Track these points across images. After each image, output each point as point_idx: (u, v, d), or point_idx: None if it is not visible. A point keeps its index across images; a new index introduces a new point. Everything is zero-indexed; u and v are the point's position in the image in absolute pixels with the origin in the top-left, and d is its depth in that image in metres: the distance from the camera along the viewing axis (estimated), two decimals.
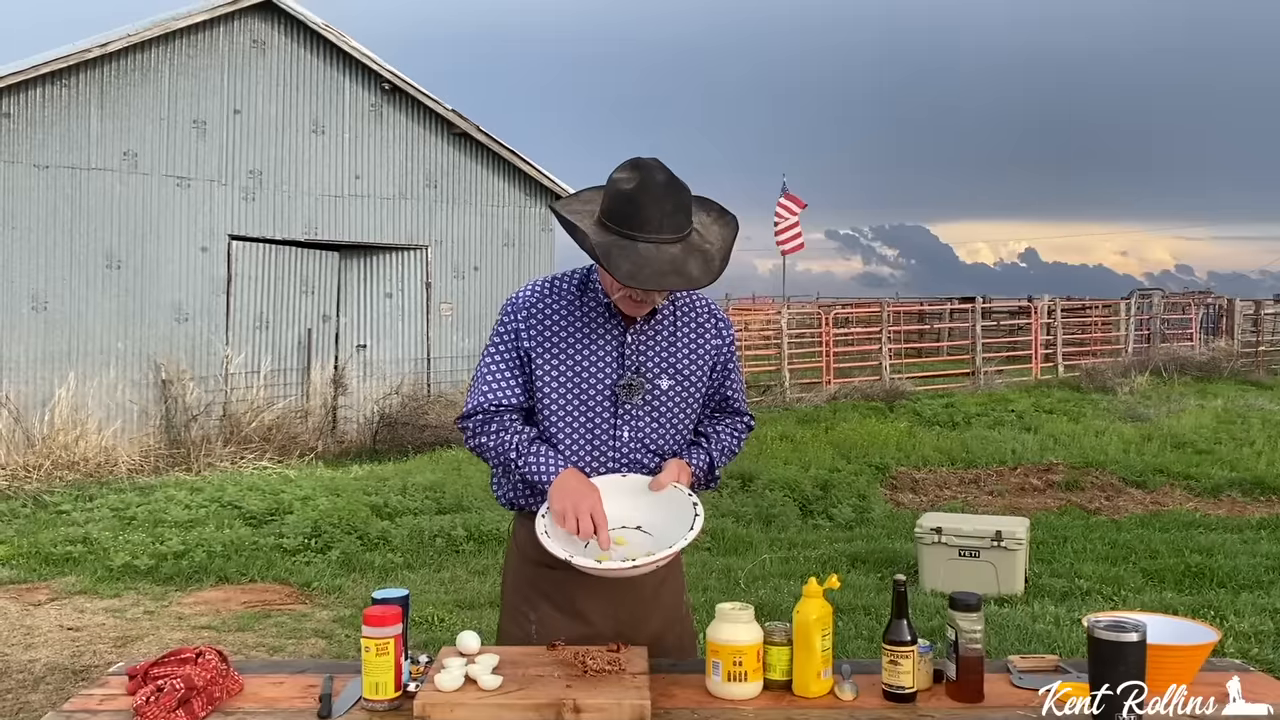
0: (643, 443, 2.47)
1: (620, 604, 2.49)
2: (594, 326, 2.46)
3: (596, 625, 2.47)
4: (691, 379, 2.53)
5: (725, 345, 2.60)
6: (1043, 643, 5.17)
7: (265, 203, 12.76)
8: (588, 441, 2.45)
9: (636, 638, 2.47)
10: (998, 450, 11.42)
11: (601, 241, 2.28)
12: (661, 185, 2.28)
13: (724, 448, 2.62)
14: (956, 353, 20.88)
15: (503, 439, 2.45)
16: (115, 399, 11.56)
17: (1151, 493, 9.89)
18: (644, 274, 2.23)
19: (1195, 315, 22.96)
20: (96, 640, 5.44)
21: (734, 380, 2.64)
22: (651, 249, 2.26)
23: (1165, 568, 6.72)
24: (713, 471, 2.59)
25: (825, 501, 8.72)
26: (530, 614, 2.52)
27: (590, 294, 2.48)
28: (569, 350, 2.45)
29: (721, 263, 2.33)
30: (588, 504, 2.31)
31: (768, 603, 5.89)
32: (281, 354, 12.91)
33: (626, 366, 2.45)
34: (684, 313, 2.55)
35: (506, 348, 2.48)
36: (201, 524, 7.62)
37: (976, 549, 6.21)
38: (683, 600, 2.67)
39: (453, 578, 6.73)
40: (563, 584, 2.47)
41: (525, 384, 2.48)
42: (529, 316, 2.47)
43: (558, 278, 2.53)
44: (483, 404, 2.47)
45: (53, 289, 11.33)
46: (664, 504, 2.39)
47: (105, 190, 11.66)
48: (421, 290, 14.05)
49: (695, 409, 2.56)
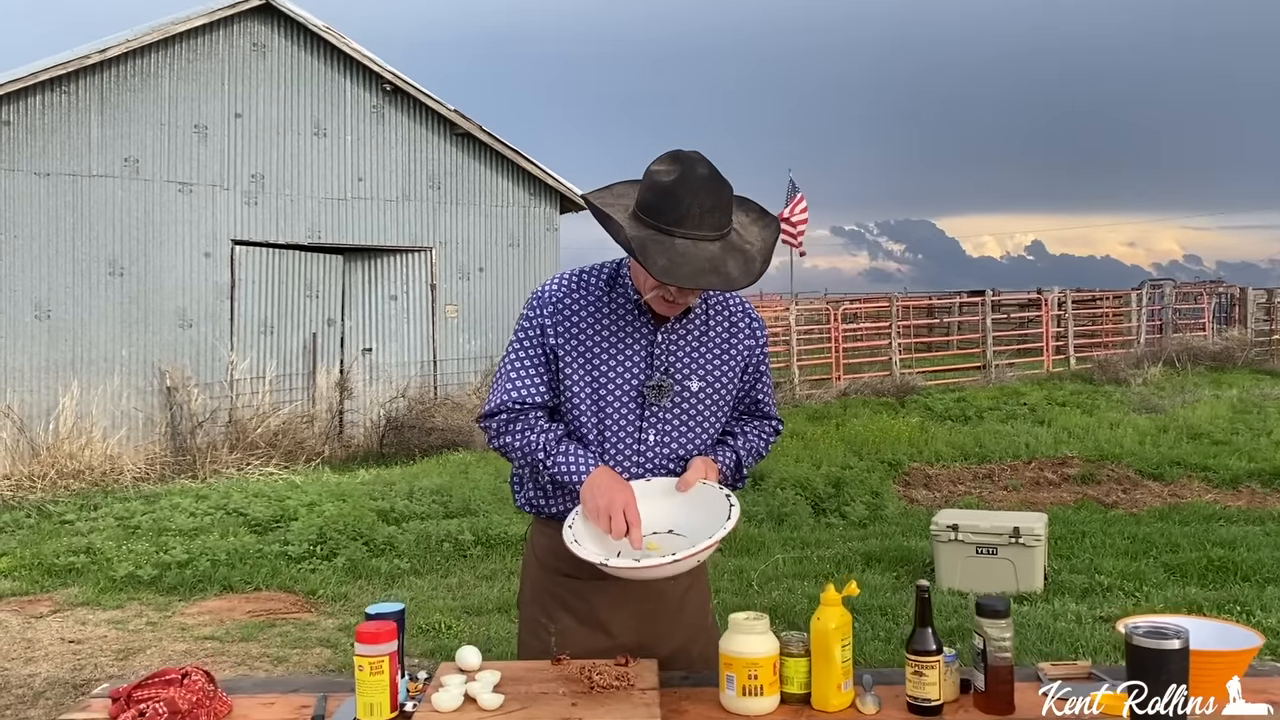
0: (668, 447, 2.36)
1: (644, 615, 2.37)
2: (623, 324, 2.34)
3: (619, 637, 2.35)
4: (722, 381, 2.41)
5: (758, 347, 2.48)
6: (1065, 643, 5.03)
7: (268, 206, 12.67)
8: (611, 444, 2.34)
9: (660, 650, 2.36)
10: (1011, 444, 11.28)
11: (637, 235, 2.15)
12: (703, 180, 2.15)
13: (752, 448, 2.50)
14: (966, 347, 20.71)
15: (529, 438, 2.33)
16: (120, 407, 11.48)
17: (1169, 485, 9.74)
18: (681, 271, 2.11)
19: (1208, 305, 22.76)
20: (98, 653, 5.34)
21: (764, 383, 2.53)
22: (689, 246, 2.13)
23: (1187, 562, 6.58)
24: (740, 471, 2.47)
25: (838, 499, 8.59)
26: (550, 626, 2.40)
27: (619, 290, 2.36)
28: (595, 348, 2.33)
29: (763, 264, 2.21)
30: (621, 500, 2.20)
31: (781, 604, 5.77)
32: (286, 359, 12.82)
33: (655, 367, 2.33)
34: (716, 312, 2.42)
35: (532, 343, 2.36)
36: (206, 532, 7.53)
37: (994, 546, 6.08)
38: (708, 610, 2.55)
39: (460, 583, 6.62)
40: (583, 594, 2.36)
41: (551, 381, 2.36)
42: (555, 311, 2.35)
43: (586, 271, 2.41)
44: (506, 402, 2.35)
45: (55, 297, 11.26)
46: (694, 502, 2.28)
47: (107, 197, 11.58)
48: (426, 292, 13.95)
49: (724, 413, 2.44)
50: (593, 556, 2.13)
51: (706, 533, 2.20)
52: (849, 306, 22.31)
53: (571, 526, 2.24)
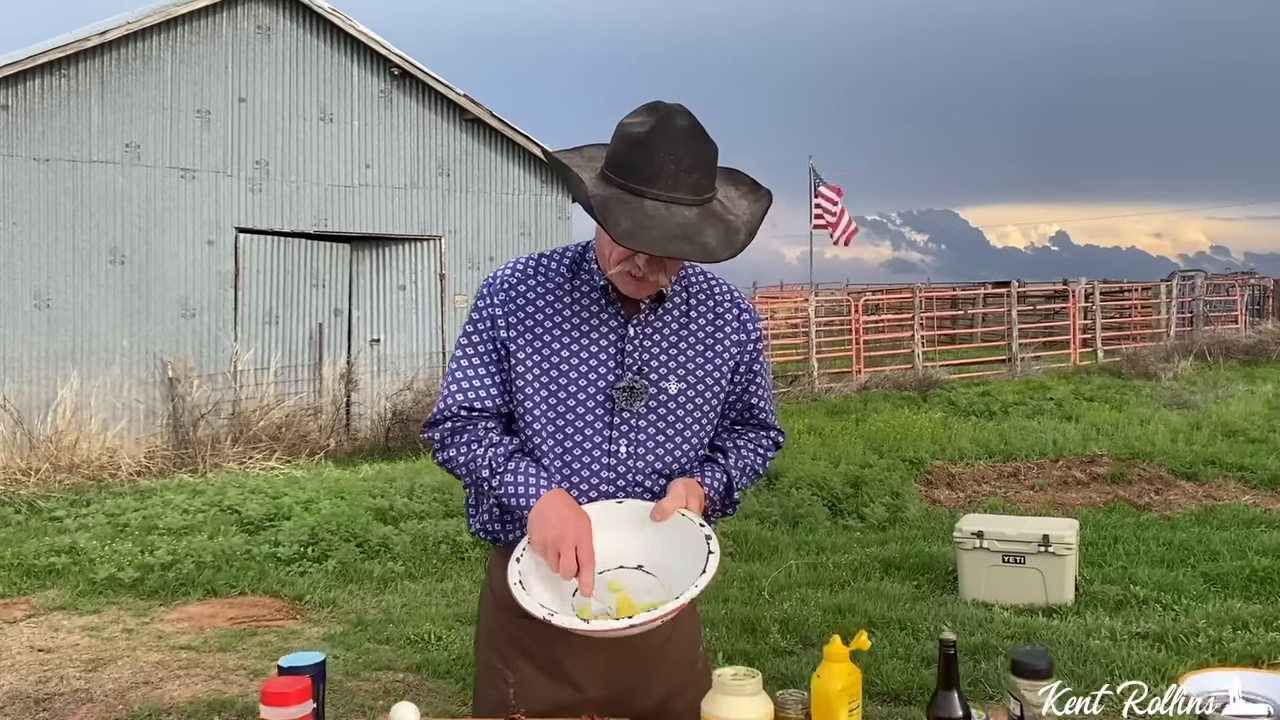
0: (644, 460, 2.00)
1: (617, 664, 2.01)
2: (587, 315, 1.99)
3: (587, 690, 2.01)
4: (705, 383, 2.05)
5: (751, 343, 2.11)
6: (1099, 663, 4.65)
7: (272, 194, 12.37)
8: (575, 458, 1.98)
9: (637, 705, 2.01)
10: (1038, 441, 10.85)
11: (600, 194, 1.81)
12: (682, 132, 1.80)
13: (746, 465, 2.12)
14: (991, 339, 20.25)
15: (474, 452, 1.98)
16: (121, 398, 11.22)
17: (1204, 485, 9.31)
18: (649, 236, 1.76)
19: (1240, 297, 22.17)
20: (66, 664, 5.04)
21: (761, 386, 2.15)
22: (661, 209, 1.79)
23: (1228, 572, 6.17)
24: (730, 495, 2.11)
25: (856, 500, 8.21)
26: (507, 675, 2.05)
27: (585, 275, 2.01)
28: (554, 343, 1.98)
29: (746, 237, 1.85)
30: (573, 534, 1.84)
31: (794, 617, 5.41)
32: (292, 350, 12.53)
33: (626, 365, 1.99)
34: (699, 301, 2.07)
35: (481, 339, 2.02)
36: (196, 531, 7.23)
37: (1021, 554, 5.70)
38: (697, 654, 2.18)
39: (455, 588, 6.30)
40: (545, 639, 1.99)
41: (504, 383, 2.01)
42: (507, 300, 2.00)
43: (545, 255, 2.06)
44: (452, 408, 2.01)
45: (55, 285, 11.00)
46: (670, 537, 1.91)
47: (107, 183, 11.30)
48: (435, 282, 13.63)
49: (710, 420, 2.08)
50: (535, 608, 1.78)
51: (679, 575, 1.85)
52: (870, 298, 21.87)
53: (519, 560, 1.88)
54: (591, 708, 1.98)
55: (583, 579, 1.83)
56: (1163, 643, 4.94)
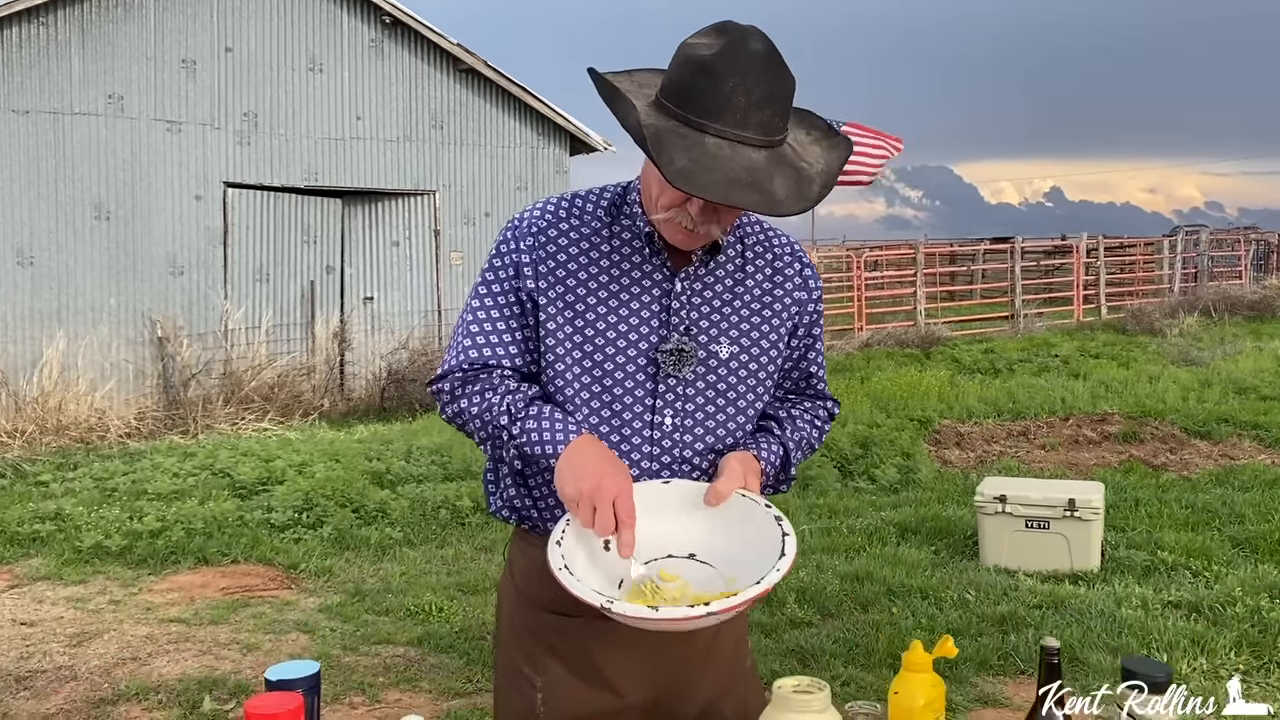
0: (692, 433, 1.75)
1: (660, 664, 1.76)
2: (628, 267, 1.72)
3: (626, 695, 1.76)
4: (762, 346, 1.79)
5: (811, 303, 1.86)
6: (1135, 635, 4.44)
7: (261, 147, 11.99)
8: (614, 429, 1.72)
9: (682, 711, 1.77)
10: (1046, 399, 10.63)
11: (654, 123, 1.52)
12: (756, 59, 1.51)
13: (802, 439, 1.87)
14: (991, 295, 19.97)
15: (489, 400, 1.70)
16: (109, 358, 10.93)
17: (1218, 444, 9.10)
18: (708, 179, 1.48)
19: (1244, 252, 21.90)
20: (50, 638, 4.81)
21: (818, 352, 1.91)
22: (724, 148, 1.51)
23: (1256, 535, 5.96)
24: (787, 470, 1.85)
25: (866, 461, 7.99)
26: (535, 678, 1.80)
27: (626, 221, 1.74)
28: (590, 297, 1.71)
29: (821, 189, 1.57)
30: (612, 487, 1.57)
31: (810, 586, 5.19)
32: (283, 308, 12.22)
33: (672, 325, 1.72)
34: (756, 255, 1.81)
35: (503, 288, 1.74)
36: (186, 496, 6.98)
37: (1046, 519, 5.47)
38: (745, 650, 1.93)
39: (456, 555, 6.07)
40: (579, 637, 1.75)
41: (528, 341, 1.74)
42: (536, 246, 1.73)
43: (580, 195, 1.78)
44: (463, 364, 1.73)
45: (38, 242, 10.67)
46: (727, 521, 1.66)
47: (90, 136, 10.93)
48: (430, 238, 13.30)
49: (765, 389, 1.82)
50: (590, 595, 1.51)
51: (743, 564, 1.60)
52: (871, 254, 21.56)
53: (560, 542, 1.62)
54: (632, 716, 1.74)
55: (622, 538, 1.57)
56: (1198, 613, 4.73)
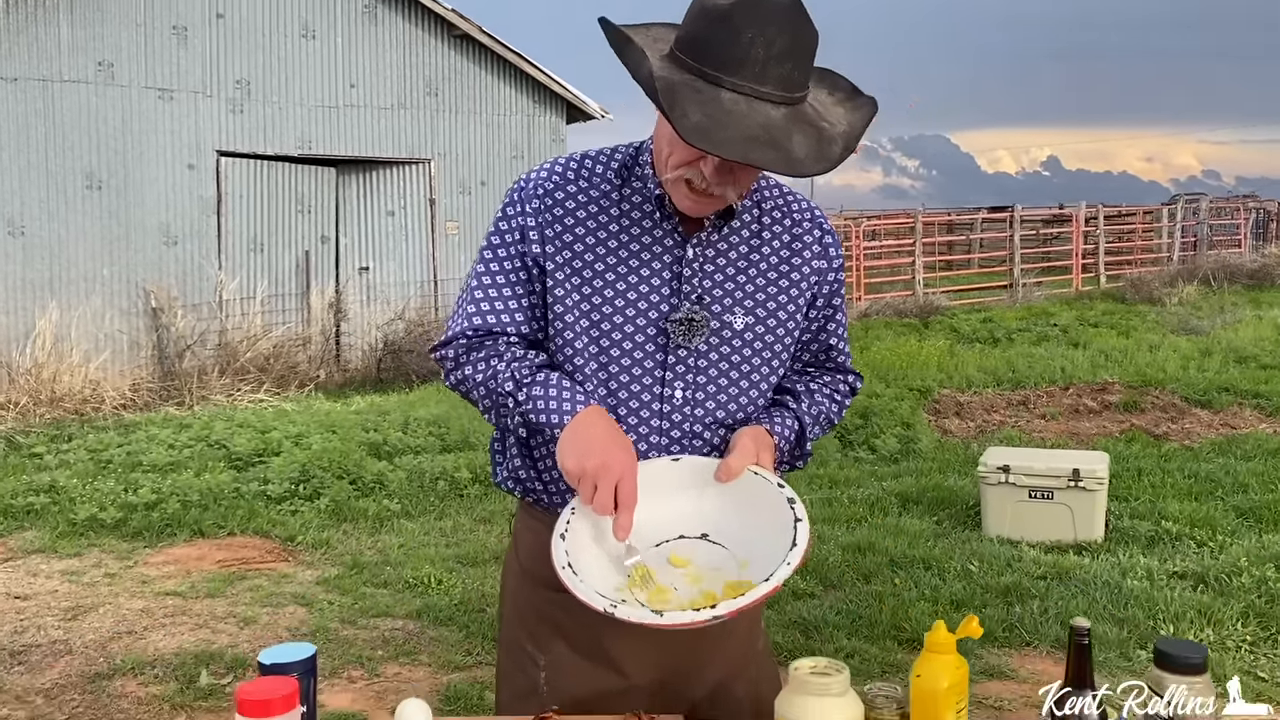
0: (703, 407, 1.68)
1: (669, 645, 1.69)
2: (638, 232, 1.65)
3: (632, 676, 1.70)
4: (779, 317, 1.71)
5: (832, 271, 1.77)
6: (1141, 606, 4.40)
7: (254, 115, 11.84)
8: (621, 403, 1.66)
9: (691, 692, 1.71)
10: (1046, 369, 10.59)
11: (667, 76, 1.44)
12: (777, 10, 1.43)
13: (820, 413, 1.79)
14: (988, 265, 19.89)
15: (494, 367, 1.64)
16: (102, 329, 10.83)
17: (1219, 413, 9.06)
18: (722, 135, 1.40)
19: (1244, 221, 21.80)
20: (44, 612, 4.76)
21: (839, 324, 1.82)
22: (741, 103, 1.43)
23: (1260, 505, 5.93)
24: (802, 446, 1.77)
25: (866, 431, 7.93)
26: (538, 657, 1.74)
27: (636, 183, 1.66)
28: (598, 263, 1.64)
29: (843, 150, 1.49)
30: (617, 467, 1.51)
31: (812, 557, 5.14)
32: (278, 278, 12.11)
33: (684, 294, 1.65)
34: (774, 220, 1.73)
35: (508, 253, 1.67)
36: (182, 468, 6.92)
37: (1050, 490, 5.43)
38: (759, 631, 1.87)
39: (455, 527, 6.02)
40: (583, 615, 1.67)
41: (534, 308, 1.67)
42: (543, 210, 1.66)
43: (590, 156, 1.70)
44: (467, 331, 1.67)
45: (29, 212, 10.54)
46: (740, 500, 1.59)
47: (81, 104, 10.77)
48: (425, 208, 13.17)
49: (781, 362, 1.75)
50: (593, 598, 1.45)
51: (755, 545, 1.53)
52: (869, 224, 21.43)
53: (565, 536, 1.55)
54: (638, 697, 1.68)
55: (619, 521, 1.51)
56: (1204, 583, 4.70)
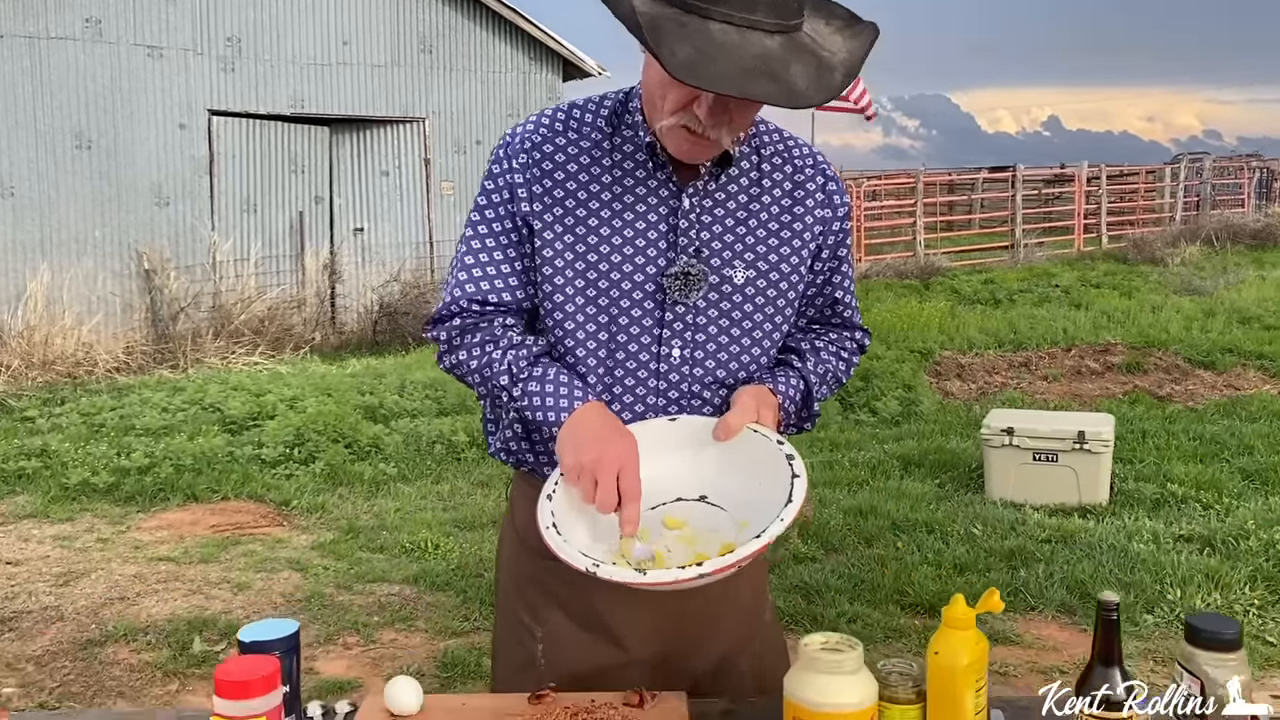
0: (703, 366, 1.59)
1: (671, 616, 1.63)
2: (631, 183, 1.56)
3: (632, 649, 1.62)
4: (781, 269, 1.62)
5: (837, 220, 1.67)
6: (1148, 570, 4.34)
7: (246, 73, 11.65)
8: (618, 364, 1.57)
9: (694, 665, 1.64)
10: (1048, 330, 10.52)
11: (649, 11, 1.34)
12: None
13: (827, 372, 1.70)
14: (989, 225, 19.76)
15: (489, 355, 1.56)
16: (95, 291, 10.71)
17: (1222, 374, 9.00)
18: (714, 69, 1.30)
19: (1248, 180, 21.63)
20: (36, 578, 4.70)
21: (845, 276, 1.72)
22: (732, 34, 1.33)
23: (1266, 467, 5.87)
24: (809, 407, 1.68)
25: (867, 394, 7.86)
26: (535, 629, 1.67)
27: (628, 131, 1.56)
28: (591, 218, 1.55)
29: (844, 78, 1.39)
30: (615, 458, 1.42)
31: (813, 521, 5.08)
32: (272, 239, 11.98)
33: (680, 247, 1.56)
34: (774, 167, 1.63)
35: (497, 214, 1.58)
36: (175, 431, 6.84)
37: (1054, 452, 5.36)
38: (764, 600, 1.79)
39: (452, 491, 5.96)
40: (583, 586, 1.58)
41: (528, 272, 1.59)
42: (530, 164, 1.56)
43: (578, 105, 1.61)
44: (460, 301, 1.58)
45: (18, 172, 10.38)
46: (738, 459, 1.51)
47: (69, 62, 10.58)
48: (420, 167, 13.00)
49: (785, 318, 1.65)
50: (575, 558, 1.38)
51: (756, 505, 1.45)
52: (870, 184, 21.25)
53: (551, 497, 1.48)
54: (639, 671, 1.60)
55: (625, 515, 1.42)
56: (1211, 547, 4.64)
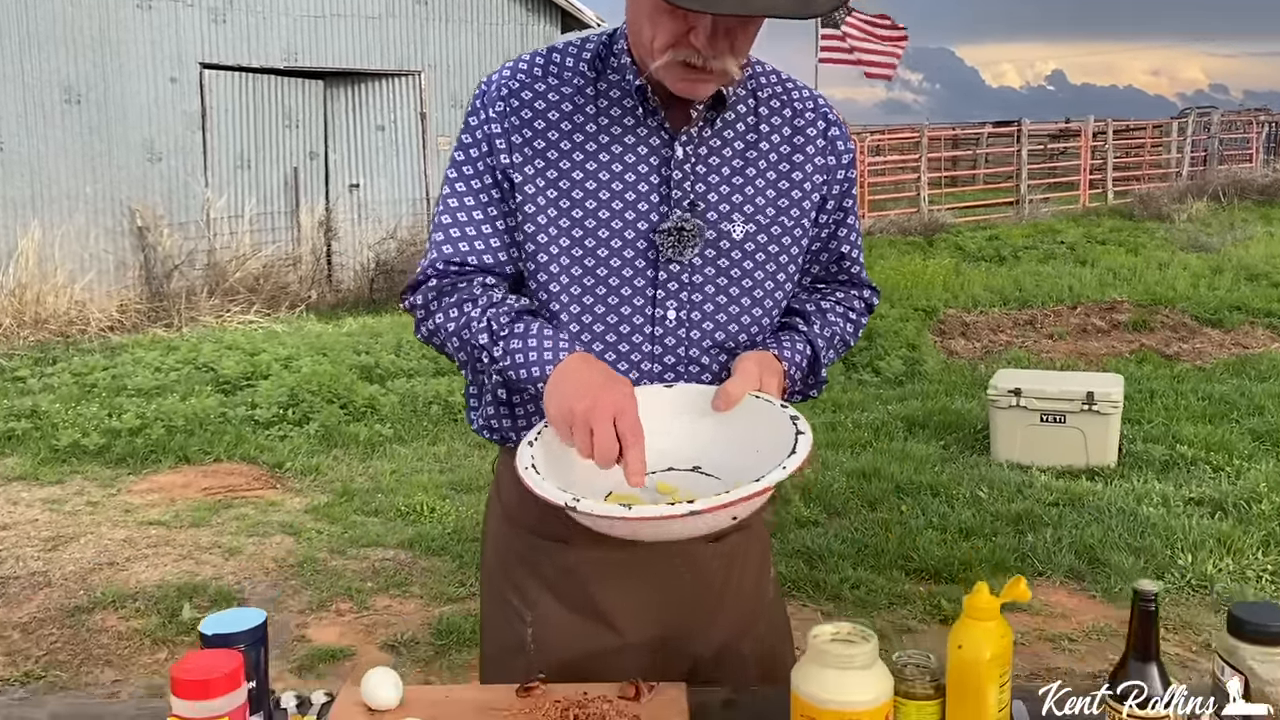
0: (700, 328, 1.46)
1: (669, 597, 1.52)
2: (619, 131, 1.43)
3: (628, 633, 1.51)
4: (783, 223, 1.49)
5: (842, 169, 1.54)
6: (1159, 535, 4.25)
7: (238, 25, 11.41)
8: (610, 328, 1.45)
9: (693, 650, 1.53)
10: (1053, 287, 10.40)
11: None
12: None
13: (835, 334, 1.58)
14: (993, 181, 19.51)
15: (467, 315, 1.42)
16: (87, 249, 10.55)
17: (1230, 332, 8.89)
18: None
19: (1256, 135, 21.36)
20: (24, 542, 4.61)
21: (852, 229, 1.59)
22: None
23: (1277, 428, 5.77)
24: (816, 373, 1.56)
25: (870, 353, 7.74)
26: (525, 612, 1.55)
27: (613, 75, 1.43)
28: (575, 170, 1.42)
29: None
30: (609, 403, 1.28)
31: (815, 484, 4.98)
32: (266, 196, 11.80)
33: (674, 199, 1.43)
34: (773, 110, 1.50)
35: (475, 170, 1.46)
36: (168, 391, 6.74)
37: (1062, 413, 5.25)
38: (768, 580, 1.67)
39: (449, 452, 5.86)
40: (574, 566, 1.50)
41: (510, 231, 1.46)
42: (508, 113, 1.43)
43: (559, 50, 1.47)
44: (437, 264, 1.45)
45: (6, 127, 10.18)
46: (738, 428, 1.39)
47: (56, 13, 10.34)
48: (416, 122, 12.79)
49: (789, 275, 1.52)
50: (553, 493, 1.24)
51: (751, 475, 1.33)
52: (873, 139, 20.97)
53: (533, 443, 1.35)
54: (635, 657, 1.50)
55: (629, 462, 1.27)
56: (1222, 510, 4.54)
